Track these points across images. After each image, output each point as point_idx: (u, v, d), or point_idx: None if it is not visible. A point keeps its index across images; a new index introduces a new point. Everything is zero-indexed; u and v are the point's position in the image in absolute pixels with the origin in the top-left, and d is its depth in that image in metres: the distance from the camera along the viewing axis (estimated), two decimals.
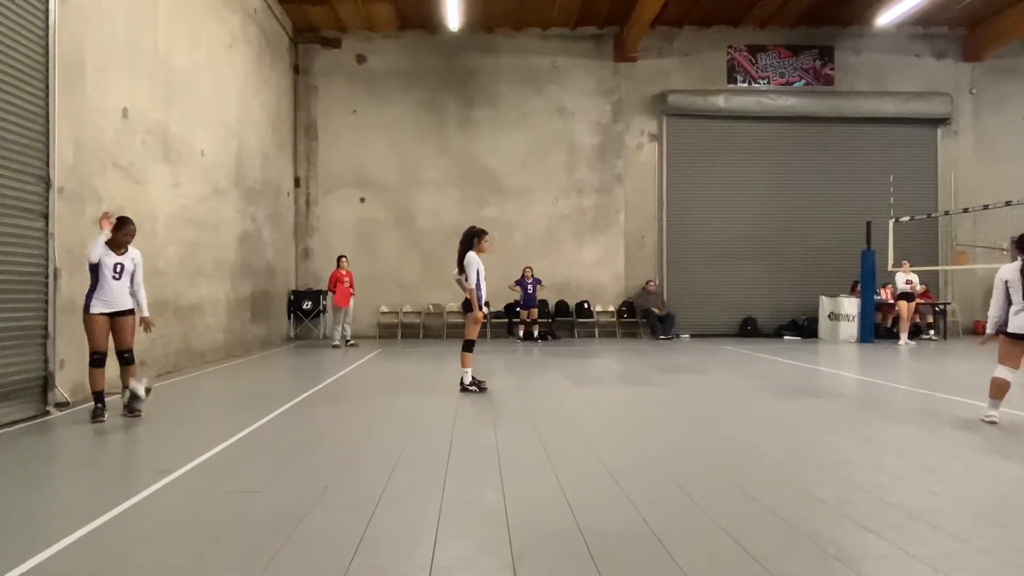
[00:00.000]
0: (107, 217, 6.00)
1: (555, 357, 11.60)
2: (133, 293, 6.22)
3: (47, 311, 6.41)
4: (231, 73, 11.81)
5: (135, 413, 6.09)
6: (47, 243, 6.42)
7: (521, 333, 14.98)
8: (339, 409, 6.78)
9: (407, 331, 15.84)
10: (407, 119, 16.01)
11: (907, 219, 14.34)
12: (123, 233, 6.09)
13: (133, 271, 6.20)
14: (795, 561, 2.89)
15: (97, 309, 5.97)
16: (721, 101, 16.00)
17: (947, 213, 15.49)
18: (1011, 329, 5.72)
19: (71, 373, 6.73)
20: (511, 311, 15.44)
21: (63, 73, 6.62)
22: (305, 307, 15.33)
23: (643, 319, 15.82)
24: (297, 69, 15.88)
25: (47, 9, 6.44)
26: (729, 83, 16.32)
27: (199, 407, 7.09)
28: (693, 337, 15.61)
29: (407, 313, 15.96)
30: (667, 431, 5.68)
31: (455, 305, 15.02)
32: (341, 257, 13.83)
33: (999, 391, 5.72)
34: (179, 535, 3.27)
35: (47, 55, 6.44)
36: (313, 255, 16.01)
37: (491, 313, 14.61)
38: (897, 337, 14.02)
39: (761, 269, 16.14)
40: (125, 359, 6.17)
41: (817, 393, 7.61)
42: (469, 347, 7.50)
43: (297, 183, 15.91)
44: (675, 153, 16.23)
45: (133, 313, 6.22)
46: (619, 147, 16.24)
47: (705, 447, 4.98)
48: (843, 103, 16.23)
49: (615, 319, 16.05)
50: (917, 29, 16.22)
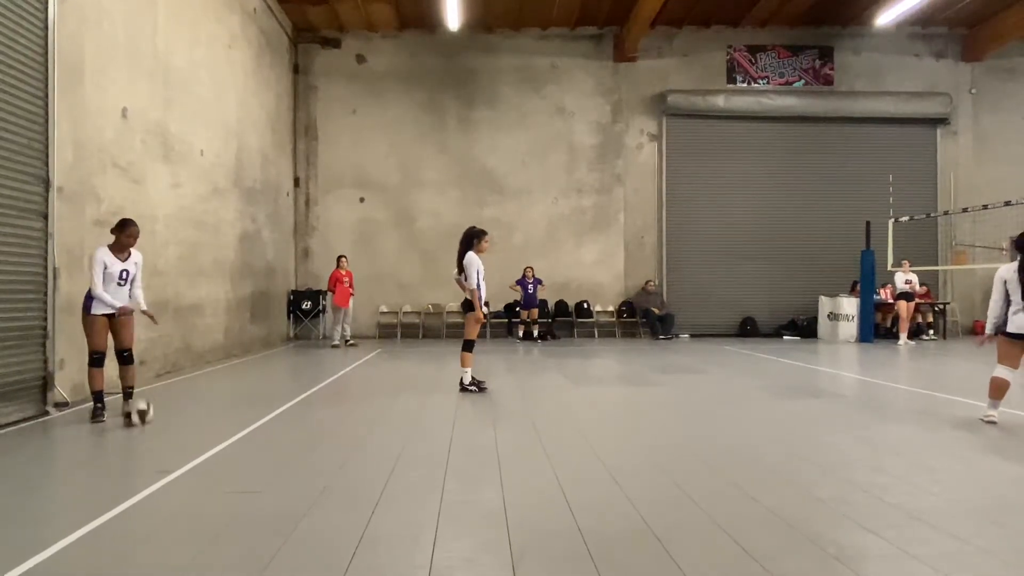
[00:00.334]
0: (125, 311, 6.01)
1: (555, 357, 11.60)
2: (131, 294, 6.15)
3: (46, 311, 6.41)
4: (231, 73, 11.81)
5: (132, 424, 6.03)
6: (47, 243, 6.42)
7: (521, 333, 14.98)
8: (339, 409, 6.78)
9: (407, 331, 15.85)
10: (407, 119, 16.02)
11: (906, 219, 14.35)
12: (126, 235, 6.01)
13: (134, 275, 6.14)
14: (795, 561, 2.89)
15: (97, 310, 5.94)
16: (721, 101, 16.01)
17: (946, 213, 15.51)
18: (1010, 329, 5.72)
19: (70, 373, 6.74)
20: (511, 311, 15.45)
21: (62, 73, 6.62)
22: (305, 307, 15.34)
23: (643, 319, 15.82)
24: (297, 69, 15.88)
25: (46, 9, 6.43)
26: (729, 83, 16.33)
27: (199, 407, 7.09)
28: (693, 337, 15.62)
29: (407, 313, 15.96)
30: (667, 431, 5.69)
31: (455, 305, 15.02)
32: (341, 257, 13.84)
33: (998, 391, 5.72)
34: (179, 535, 3.27)
35: (46, 55, 6.44)
36: (313, 255, 16.01)
37: (491, 313, 14.60)
38: (897, 337, 14.03)
39: (760, 269, 16.14)
40: (125, 359, 6.16)
41: (817, 393, 7.61)
42: (469, 347, 7.50)
43: (297, 183, 15.91)
44: (675, 153, 16.24)
45: (132, 313, 6.20)
46: (619, 147, 16.25)
47: (705, 447, 4.98)
48: (843, 103, 16.24)
49: (615, 319, 16.05)
50: (916, 29, 16.22)
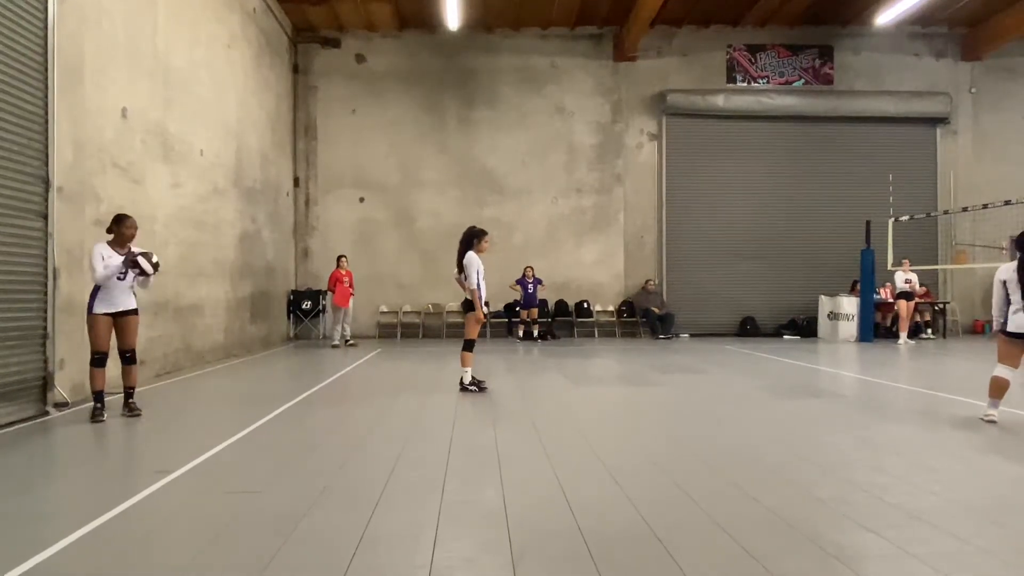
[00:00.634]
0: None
1: (555, 357, 11.60)
2: (133, 288, 6.13)
3: (46, 311, 6.40)
4: (230, 73, 11.80)
5: (135, 412, 6.11)
6: (46, 243, 6.42)
7: (521, 333, 14.98)
8: (339, 409, 6.78)
9: (407, 331, 15.85)
10: (406, 119, 16.01)
11: (906, 218, 14.35)
12: (125, 227, 6.06)
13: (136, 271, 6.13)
14: (795, 561, 2.89)
15: (100, 309, 5.95)
16: (720, 101, 16.01)
17: (946, 212, 15.51)
18: (1010, 328, 5.71)
19: (70, 373, 6.73)
20: (511, 311, 15.45)
21: (62, 73, 6.62)
22: (305, 307, 15.33)
23: (643, 319, 15.82)
24: (296, 69, 15.88)
25: (46, 9, 6.43)
26: (728, 83, 16.33)
27: (198, 407, 7.09)
28: (692, 337, 15.62)
29: (407, 313, 15.96)
30: (667, 431, 5.68)
31: (455, 305, 15.03)
32: (341, 257, 13.84)
33: (999, 390, 5.72)
34: (179, 535, 3.27)
35: (46, 55, 6.44)
36: (313, 255, 16.01)
37: (491, 313, 14.60)
38: (896, 336, 14.03)
39: (760, 268, 16.14)
40: (127, 359, 6.17)
41: (817, 393, 7.61)
42: (469, 347, 7.50)
43: (296, 183, 15.91)
44: (675, 153, 16.24)
45: (137, 313, 6.21)
46: (619, 147, 16.25)
47: (705, 447, 4.98)
48: (842, 102, 16.23)
49: (615, 319, 16.05)
50: (916, 28, 16.22)
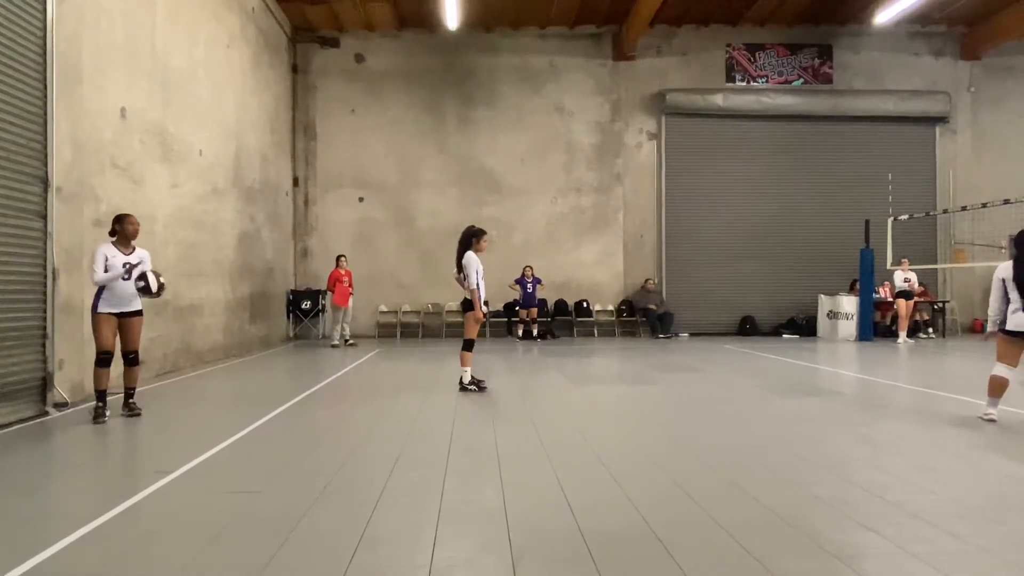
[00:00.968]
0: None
1: (554, 356, 11.60)
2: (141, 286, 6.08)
3: (46, 311, 6.40)
4: (229, 73, 11.80)
5: (135, 412, 6.10)
6: (45, 243, 6.41)
7: (520, 332, 14.98)
8: (338, 409, 6.78)
9: (406, 331, 15.84)
10: (406, 119, 16.01)
11: (905, 217, 14.35)
12: (128, 223, 6.06)
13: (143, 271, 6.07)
14: (795, 560, 2.89)
15: (105, 309, 5.94)
16: (720, 100, 16.01)
17: (945, 211, 15.51)
18: (1009, 327, 5.72)
19: (70, 373, 6.73)
20: (510, 310, 15.45)
21: (61, 73, 6.61)
22: (304, 307, 15.33)
23: (642, 318, 15.82)
24: (295, 68, 15.87)
25: (44, 9, 6.43)
26: (728, 82, 16.33)
27: (198, 407, 7.08)
28: (692, 336, 15.62)
29: (406, 312, 15.96)
30: (666, 430, 5.69)
31: (454, 304, 15.03)
32: (340, 257, 13.83)
33: (998, 389, 5.72)
34: (178, 535, 3.27)
35: (45, 55, 6.43)
36: (312, 255, 16.00)
37: (490, 312, 14.60)
38: (896, 335, 14.04)
39: (760, 267, 16.15)
40: (130, 360, 6.14)
41: (816, 392, 7.61)
42: (469, 346, 7.50)
43: (296, 183, 15.90)
44: (674, 152, 16.24)
45: (141, 314, 6.17)
46: (618, 146, 16.24)
47: (704, 446, 4.98)
48: (842, 102, 16.24)
49: (614, 318, 16.05)
50: (915, 27, 16.23)
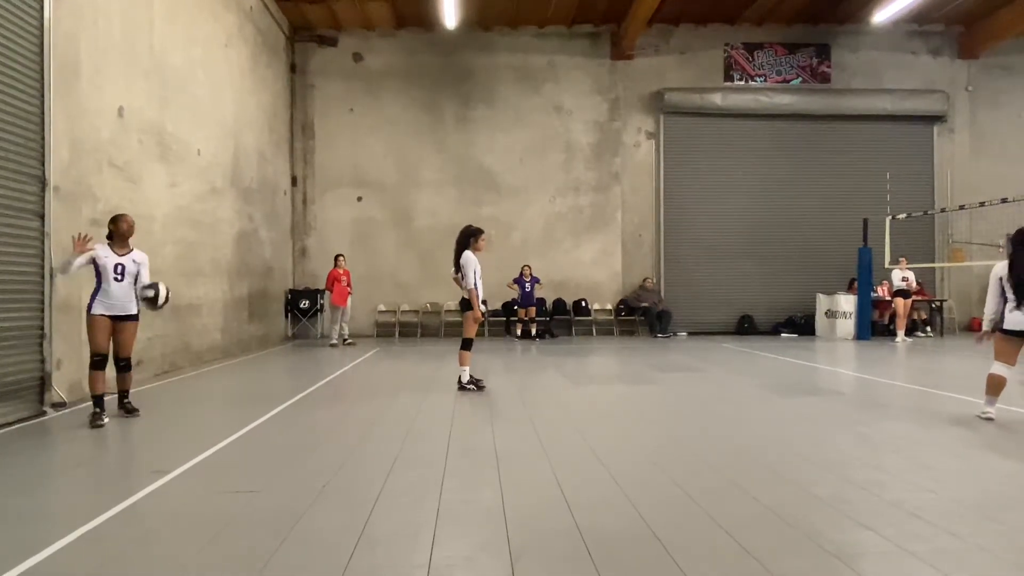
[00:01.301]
0: (82, 241, 5.69)
1: (553, 356, 11.60)
2: (137, 291, 6.01)
3: (43, 311, 6.39)
4: (227, 72, 11.78)
5: (132, 412, 6.08)
6: (43, 243, 6.40)
7: (519, 331, 14.98)
8: (337, 408, 6.77)
9: (405, 330, 15.84)
10: (404, 118, 16.00)
11: (904, 216, 14.37)
12: (124, 222, 5.96)
13: (137, 273, 6.02)
14: (794, 559, 2.89)
15: (99, 310, 5.86)
16: (718, 99, 16.01)
17: (943, 210, 15.54)
18: (1007, 326, 5.73)
19: (68, 373, 6.72)
20: (509, 309, 15.45)
21: (58, 72, 6.60)
22: (302, 306, 15.32)
23: (641, 316, 15.83)
24: (294, 68, 15.85)
25: (42, 8, 6.41)
26: (726, 81, 16.33)
27: (196, 407, 7.08)
28: (690, 335, 15.63)
29: (405, 312, 15.95)
30: (665, 430, 5.69)
31: (453, 304, 15.02)
32: (338, 256, 13.82)
33: (995, 387, 5.74)
34: (177, 535, 3.27)
35: (42, 54, 6.42)
36: (310, 254, 15.99)
37: (489, 312, 14.60)
38: (894, 334, 14.06)
39: (758, 266, 16.16)
40: (122, 367, 6.07)
41: (815, 391, 7.62)
42: (467, 346, 7.49)
43: (294, 182, 15.88)
44: (672, 151, 16.25)
45: (136, 319, 6.09)
46: (616, 145, 16.24)
47: (703, 445, 4.99)
48: (839, 101, 16.25)
49: (612, 317, 16.06)
50: (913, 26, 16.24)
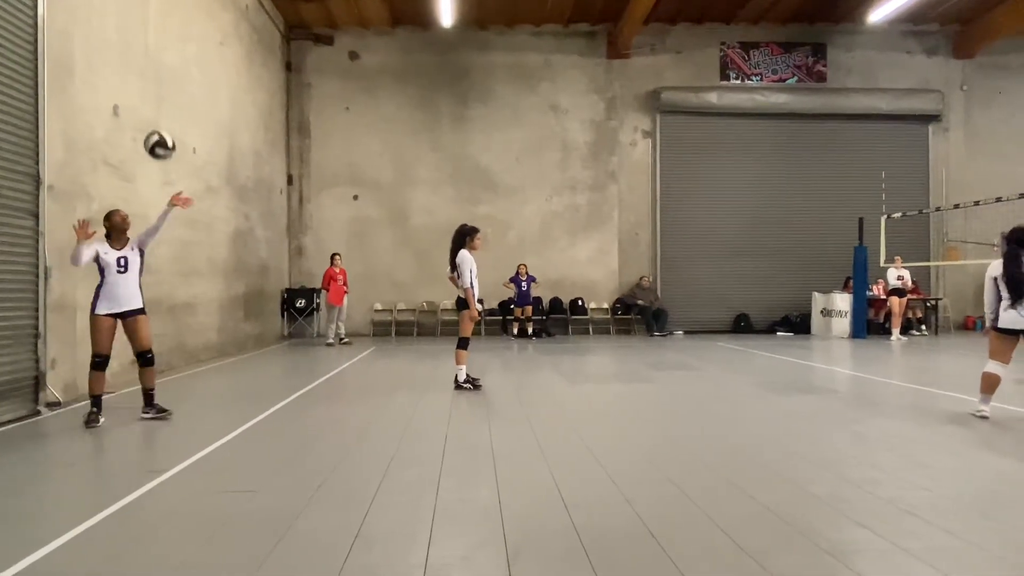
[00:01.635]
0: (83, 226, 5.58)
1: (549, 354, 11.60)
2: (141, 275, 5.89)
3: (38, 310, 6.36)
4: (223, 70, 11.74)
5: (163, 414, 5.91)
6: (37, 242, 6.38)
7: (515, 330, 14.98)
8: (333, 408, 6.77)
9: (401, 329, 15.82)
10: (400, 116, 15.97)
11: (899, 215, 14.41)
12: (118, 217, 5.82)
13: (141, 260, 5.90)
14: (790, 557, 2.90)
15: (103, 310, 5.68)
16: (714, 98, 16.03)
17: (938, 209, 15.58)
18: (1001, 324, 5.75)
19: (62, 373, 6.69)
20: (505, 308, 15.45)
21: (52, 70, 6.57)
22: (299, 305, 15.28)
23: (637, 315, 15.84)
24: (289, 66, 15.80)
25: (35, 5, 6.38)
26: (722, 80, 16.35)
27: (192, 406, 7.05)
28: (686, 334, 15.65)
29: (401, 311, 15.93)
30: (662, 428, 5.70)
31: (449, 303, 15.02)
32: (335, 255, 13.80)
33: (990, 386, 5.76)
34: (172, 535, 3.26)
35: (36, 52, 6.39)
36: (306, 253, 15.95)
37: (485, 310, 14.60)
38: (889, 333, 14.11)
39: (754, 265, 16.18)
40: (147, 360, 5.88)
41: (811, 389, 7.64)
42: (464, 344, 7.49)
43: (290, 181, 15.84)
44: (668, 150, 16.26)
45: (144, 312, 5.92)
46: (613, 144, 16.25)
47: (700, 444, 5.00)
48: (835, 100, 16.28)
49: (609, 316, 16.07)
50: (908, 26, 16.27)
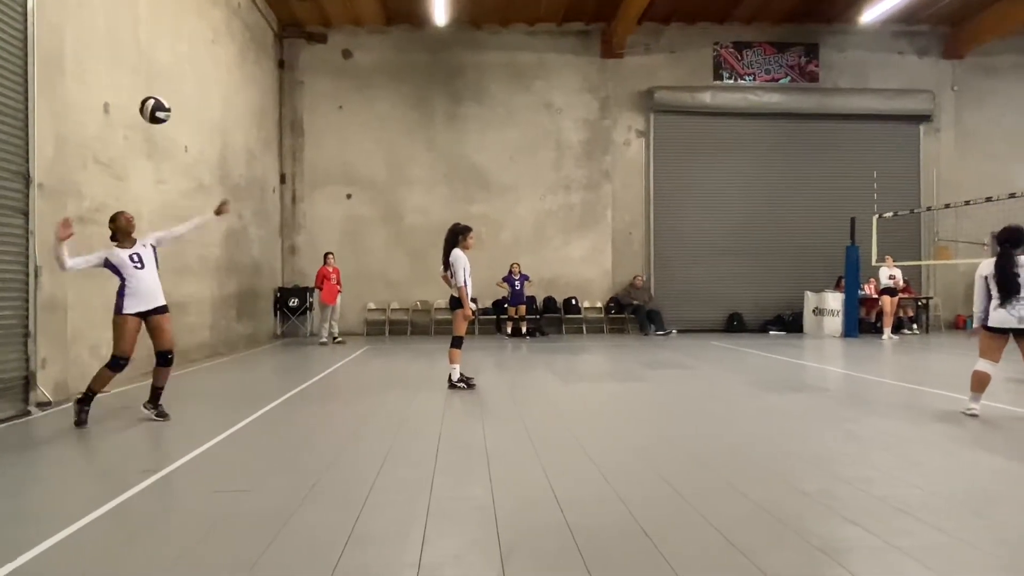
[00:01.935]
0: (66, 225, 5.36)
1: (543, 353, 11.61)
2: (157, 268, 5.78)
3: (28, 309, 6.32)
4: (215, 68, 11.68)
5: (164, 416, 5.86)
6: (27, 240, 6.33)
7: (509, 329, 14.98)
8: (326, 407, 6.75)
9: (395, 328, 15.80)
10: (394, 115, 15.94)
11: (890, 215, 14.49)
12: (124, 219, 5.69)
13: (155, 253, 5.77)
14: (781, 554, 2.91)
15: (132, 309, 5.50)
16: (707, 97, 16.07)
17: (929, 209, 15.68)
18: (991, 323, 5.79)
19: (53, 372, 6.65)
20: (499, 308, 15.45)
21: (42, 68, 6.52)
22: (292, 304, 15.24)
23: (631, 314, 15.87)
24: (282, 64, 15.74)
25: (25, 2, 6.33)
26: (715, 80, 16.39)
27: (184, 406, 7.01)
28: (680, 333, 15.68)
29: (395, 310, 15.91)
30: (655, 427, 5.71)
31: (443, 302, 14.99)
32: (328, 254, 13.76)
33: (980, 384, 5.80)
34: (166, 535, 3.25)
35: (26, 49, 6.34)
36: (299, 252, 15.90)
37: (479, 309, 14.58)
38: (881, 332, 14.20)
39: (747, 264, 16.24)
40: (168, 360, 5.82)
41: (803, 388, 7.68)
42: (457, 344, 7.49)
43: (283, 179, 15.79)
44: (662, 149, 16.29)
45: (168, 310, 5.83)
46: (606, 143, 16.27)
47: (693, 442, 5.01)
48: (827, 100, 16.34)
49: (603, 315, 16.09)
50: (900, 27, 16.36)
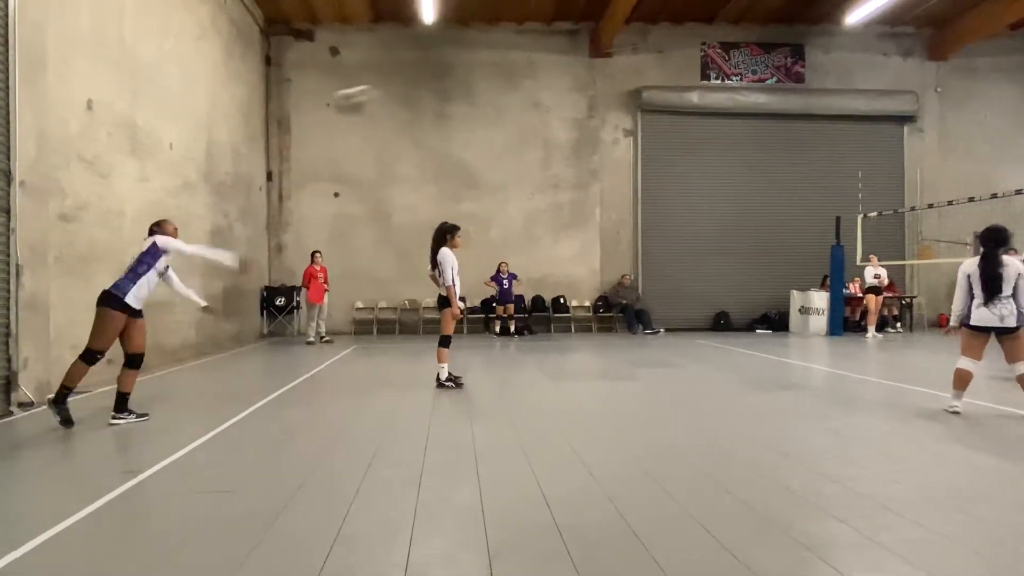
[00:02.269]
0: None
1: (532, 352, 11.62)
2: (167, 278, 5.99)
3: (9, 309, 6.23)
4: (200, 65, 11.58)
5: (142, 418, 5.80)
6: (9, 239, 6.24)
7: (497, 328, 14.99)
8: (313, 407, 6.72)
9: (382, 327, 15.75)
10: (382, 113, 15.88)
11: (875, 214, 14.65)
12: (172, 227, 5.97)
13: (167, 267, 5.95)
14: (767, 551, 2.94)
15: (133, 303, 5.60)
16: (695, 97, 16.15)
17: (913, 209, 15.87)
18: (973, 322, 5.88)
19: (35, 372, 6.56)
20: (487, 306, 15.44)
21: (24, 63, 6.43)
22: (278, 303, 15.15)
23: (619, 313, 15.92)
24: (269, 61, 15.64)
25: None
26: (703, 79, 16.47)
27: (169, 406, 6.96)
28: (667, 331, 15.75)
29: (382, 309, 15.86)
30: (643, 426, 5.73)
31: (431, 301, 14.96)
32: (315, 252, 13.69)
33: (962, 382, 5.88)
34: (149, 536, 3.22)
35: (7, 44, 6.25)
36: (286, 250, 15.81)
37: (467, 308, 14.57)
38: (865, 330, 14.34)
39: (734, 264, 16.34)
40: (137, 363, 5.76)
41: (788, 386, 7.74)
42: (445, 343, 7.48)
43: (270, 177, 15.68)
44: (650, 149, 16.35)
45: (143, 315, 5.84)
46: (594, 143, 16.30)
47: (680, 441, 5.04)
48: (813, 100, 16.48)
49: (591, 314, 16.13)
50: (885, 28, 16.53)
